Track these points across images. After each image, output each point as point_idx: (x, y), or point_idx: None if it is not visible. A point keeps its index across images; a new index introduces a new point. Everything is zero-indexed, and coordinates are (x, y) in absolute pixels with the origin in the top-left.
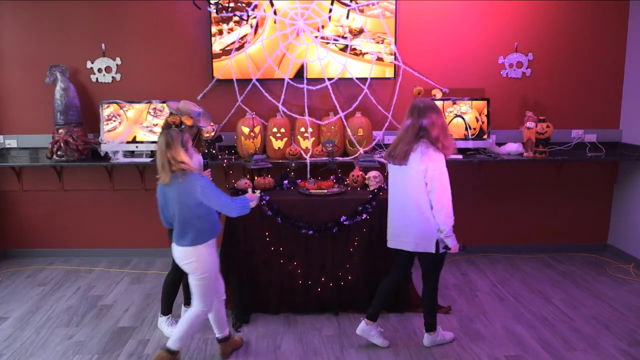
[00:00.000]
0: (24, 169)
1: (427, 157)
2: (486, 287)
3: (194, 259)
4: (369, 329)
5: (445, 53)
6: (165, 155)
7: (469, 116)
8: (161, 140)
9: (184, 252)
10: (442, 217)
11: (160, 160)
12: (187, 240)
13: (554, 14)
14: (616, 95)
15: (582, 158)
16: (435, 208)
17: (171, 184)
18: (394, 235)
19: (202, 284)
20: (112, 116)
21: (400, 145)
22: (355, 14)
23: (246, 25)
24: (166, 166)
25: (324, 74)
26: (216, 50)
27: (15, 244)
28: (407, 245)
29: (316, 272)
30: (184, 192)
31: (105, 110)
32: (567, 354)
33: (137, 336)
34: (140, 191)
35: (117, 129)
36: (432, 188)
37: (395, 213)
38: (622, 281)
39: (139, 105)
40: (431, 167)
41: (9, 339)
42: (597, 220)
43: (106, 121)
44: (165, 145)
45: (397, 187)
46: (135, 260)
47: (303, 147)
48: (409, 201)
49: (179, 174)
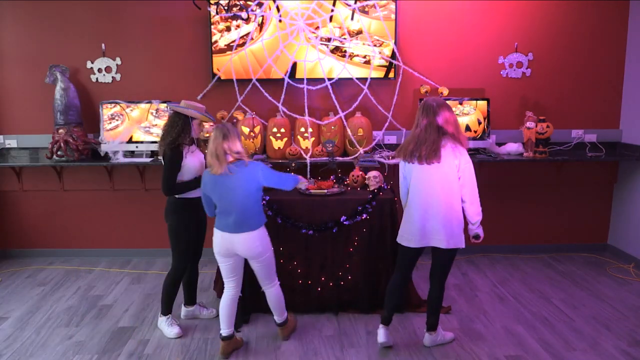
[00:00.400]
0: (24, 169)
1: (458, 151)
2: (486, 287)
3: (259, 242)
4: (388, 333)
5: (445, 53)
6: (222, 147)
7: (471, 118)
8: (217, 132)
9: (249, 237)
10: (475, 208)
11: (216, 151)
12: (250, 225)
13: (554, 14)
14: (616, 95)
15: (582, 158)
16: (468, 200)
17: (228, 174)
18: (424, 234)
19: (268, 263)
20: (115, 115)
21: (426, 145)
22: (360, 16)
23: (252, 23)
24: (222, 157)
25: (305, 74)
26: (221, 45)
27: (15, 244)
28: (440, 242)
29: (316, 272)
30: (246, 178)
31: (110, 110)
32: (567, 354)
33: (137, 336)
34: (140, 191)
35: (118, 128)
36: (465, 181)
37: (422, 212)
38: (622, 281)
39: (144, 105)
40: (463, 161)
41: (9, 339)
42: (597, 220)
43: (109, 120)
44: (223, 137)
45: (424, 186)
46: (135, 260)
47: (303, 147)
48: (441, 198)
49: (237, 163)
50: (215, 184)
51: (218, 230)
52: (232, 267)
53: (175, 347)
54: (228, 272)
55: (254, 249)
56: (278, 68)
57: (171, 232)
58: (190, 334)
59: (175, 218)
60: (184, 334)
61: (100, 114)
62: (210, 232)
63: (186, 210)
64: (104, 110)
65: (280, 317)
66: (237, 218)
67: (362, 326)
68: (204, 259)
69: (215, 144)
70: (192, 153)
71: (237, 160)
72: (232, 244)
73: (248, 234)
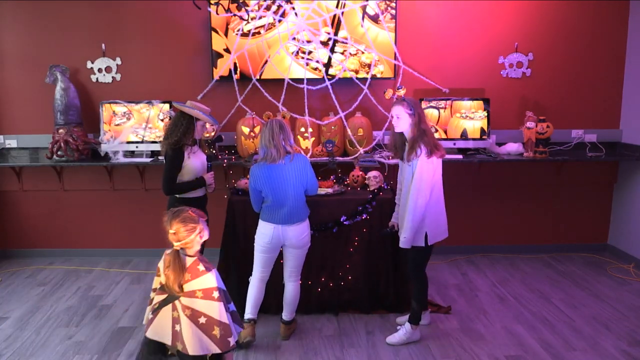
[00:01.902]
0: (24, 169)
1: None
2: (486, 287)
3: (307, 232)
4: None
5: (445, 53)
6: (279, 137)
7: (474, 124)
8: (274, 125)
9: (300, 228)
10: None
11: (274, 142)
12: (301, 215)
13: (554, 14)
14: (616, 95)
15: (582, 158)
16: None
17: (283, 164)
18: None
19: (305, 253)
20: (126, 113)
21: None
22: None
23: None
24: (280, 147)
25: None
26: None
27: (15, 244)
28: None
29: (316, 272)
30: (298, 169)
31: (121, 109)
32: (567, 354)
33: (137, 336)
34: (140, 191)
35: (127, 124)
36: None
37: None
38: (622, 281)
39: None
40: None
41: (9, 339)
42: (597, 220)
43: (121, 117)
44: (280, 129)
45: (440, 181)
46: (135, 260)
47: (303, 147)
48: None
49: (287, 157)
50: (269, 176)
51: (269, 224)
52: (273, 258)
53: None
54: (267, 263)
55: (302, 239)
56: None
57: None
58: None
59: None
60: None
61: (100, 114)
62: (213, 234)
63: None
64: (111, 108)
65: (290, 315)
66: (291, 209)
67: (362, 326)
68: None
69: (272, 135)
70: (194, 154)
71: (287, 154)
72: (285, 235)
73: (300, 225)
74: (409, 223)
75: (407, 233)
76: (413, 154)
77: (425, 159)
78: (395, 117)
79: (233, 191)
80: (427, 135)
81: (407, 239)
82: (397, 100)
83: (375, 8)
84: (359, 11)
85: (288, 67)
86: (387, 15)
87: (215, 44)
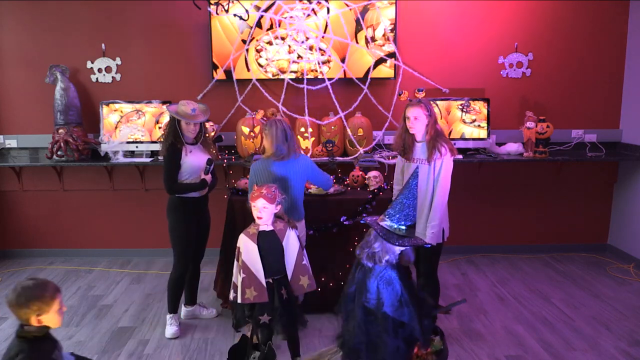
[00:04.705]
0: (24, 169)
1: None
2: (486, 287)
3: (302, 233)
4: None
5: (445, 53)
6: (293, 139)
7: (472, 127)
8: (284, 126)
9: (298, 226)
10: None
11: (288, 142)
12: (297, 214)
13: (554, 14)
14: (616, 95)
15: (582, 158)
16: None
17: (287, 162)
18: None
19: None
20: (138, 112)
21: None
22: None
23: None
24: (292, 147)
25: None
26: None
27: (15, 244)
28: None
29: (316, 273)
30: (300, 168)
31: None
32: (567, 354)
33: (137, 336)
34: (140, 191)
35: (139, 120)
36: None
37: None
38: (622, 281)
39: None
40: None
41: (9, 339)
42: (597, 220)
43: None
44: (290, 130)
45: None
46: (135, 260)
47: (303, 147)
48: None
49: (292, 155)
50: (273, 172)
51: None
52: None
53: (175, 347)
54: None
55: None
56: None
57: (171, 230)
58: (190, 334)
59: (175, 216)
60: (184, 334)
61: (101, 114)
62: (213, 234)
63: (185, 209)
64: (110, 108)
65: None
66: (289, 207)
67: None
68: (204, 259)
69: (286, 135)
70: (190, 153)
71: (294, 153)
72: None
73: (298, 223)
74: (437, 220)
75: (435, 229)
76: (436, 153)
77: (449, 158)
78: (413, 118)
79: (233, 191)
80: (443, 135)
81: (436, 233)
82: (415, 102)
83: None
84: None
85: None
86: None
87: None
